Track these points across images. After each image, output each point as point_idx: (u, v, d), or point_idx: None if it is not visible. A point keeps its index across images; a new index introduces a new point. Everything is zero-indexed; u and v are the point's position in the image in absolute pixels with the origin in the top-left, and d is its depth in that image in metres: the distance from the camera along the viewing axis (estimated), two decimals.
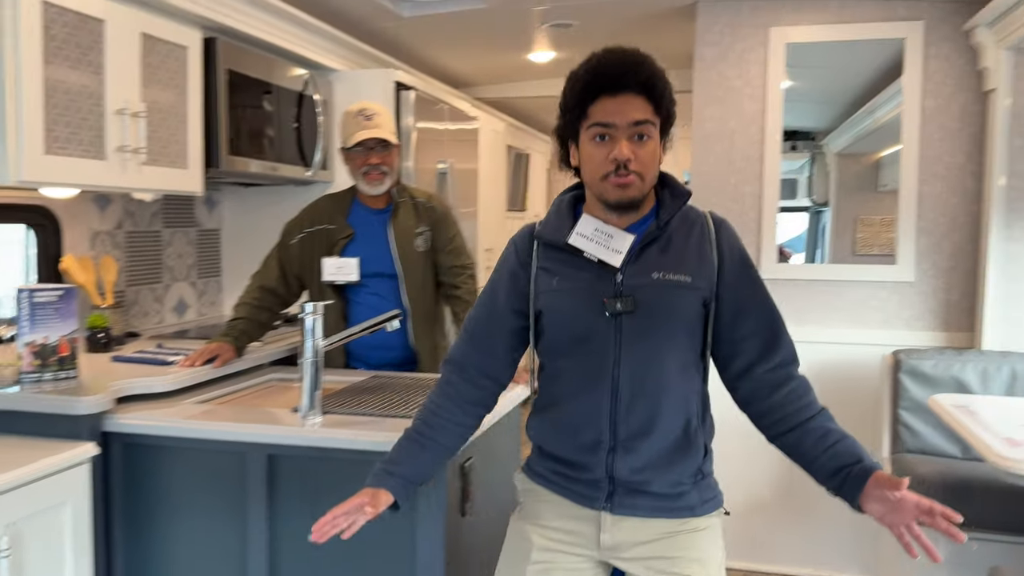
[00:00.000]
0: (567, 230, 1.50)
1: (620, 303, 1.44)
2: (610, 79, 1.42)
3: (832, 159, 3.93)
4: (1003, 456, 1.82)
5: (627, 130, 1.41)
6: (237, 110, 2.81)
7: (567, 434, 1.51)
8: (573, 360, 1.50)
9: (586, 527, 1.51)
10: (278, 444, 1.90)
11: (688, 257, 1.48)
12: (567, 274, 1.50)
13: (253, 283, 2.60)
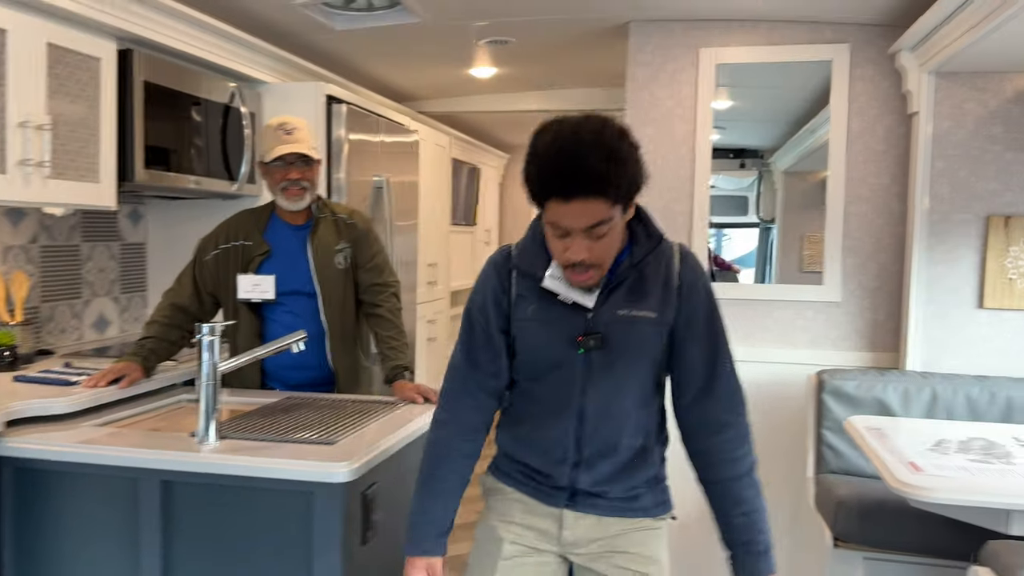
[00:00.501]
0: (542, 261, 1.54)
1: (592, 340, 1.51)
2: (559, 187, 1.39)
3: (779, 177, 3.98)
4: (902, 481, 1.82)
5: (582, 232, 1.42)
6: (155, 123, 2.75)
7: (535, 450, 1.61)
8: (544, 385, 1.58)
9: (549, 524, 1.61)
10: (172, 470, 1.84)
11: (654, 292, 1.53)
12: (542, 306, 1.56)
13: (164, 300, 2.53)
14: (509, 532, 1.63)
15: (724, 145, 4.27)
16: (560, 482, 1.59)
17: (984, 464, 2.00)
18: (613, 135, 1.40)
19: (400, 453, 2.06)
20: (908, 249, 3.05)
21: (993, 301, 2.95)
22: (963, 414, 2.80)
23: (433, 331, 4.85)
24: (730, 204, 4.28)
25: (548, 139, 1.41)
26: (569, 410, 1.56)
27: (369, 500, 1.91)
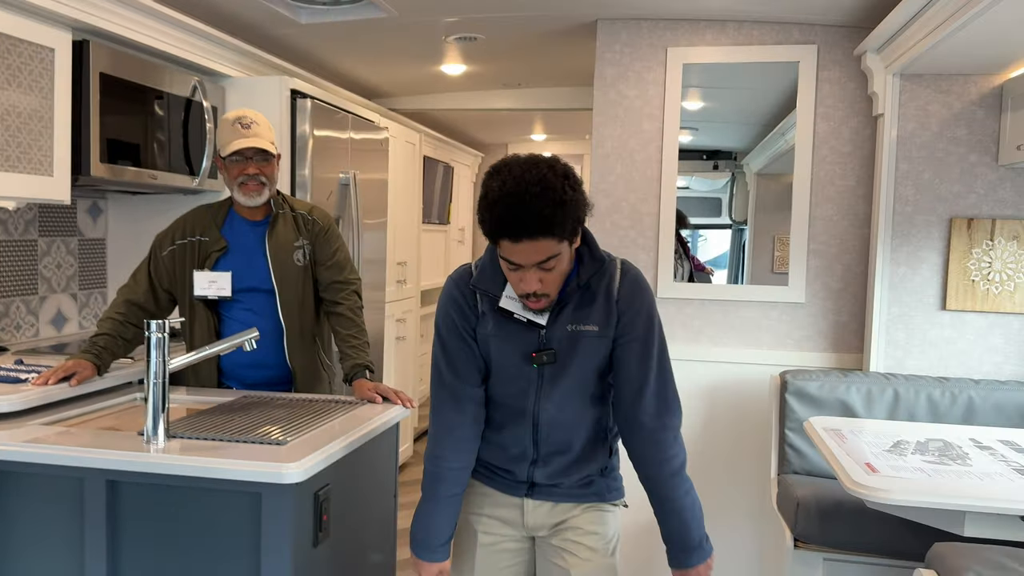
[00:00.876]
0: (499, 283, 1.69)
1: (545, 356, 1.67)
2: (509, 231, 1.53)
3: (752, 179, 3.98)
4: (857, 483, 1.81)
5: (533, 266, 1.58)
6: (113, 116, 2.69)
7: (496, 451, 1.80)
8: (503, 394, 1.76)
9: (513, 513, 1.81)
10: (118, 470, 1.79)
11: (597, 307, 1.68)
12: (499, 323, 1.71)
13: (119, 297, 2.48)
14: (480, 523, 1.83)
15: (697, 146, 4.27)
16: (520, 477, 1.78)
17: (940, 466, 2.01)
18: (557, 179, 1.53)
19: (357, 453, 2.02)
20: (872, 251, 3.06)
21: (956, 303, 2.96)
22: (925, 415, 2.81)
23: (402, 330, 4.81)
24: (704, 206, 4.28)
25: (497, 185, 1.55)
26: (525, 416, 1.74)
27: (321, 501, 1.88)
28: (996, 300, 2.94)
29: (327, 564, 1.93)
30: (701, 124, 4.28)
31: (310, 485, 1.81)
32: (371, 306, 4.10)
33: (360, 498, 2.14)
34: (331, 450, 1.87)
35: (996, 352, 2.96)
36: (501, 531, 1.83)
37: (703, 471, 3.30)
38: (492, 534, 1.83)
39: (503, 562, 1.83)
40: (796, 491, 2.62)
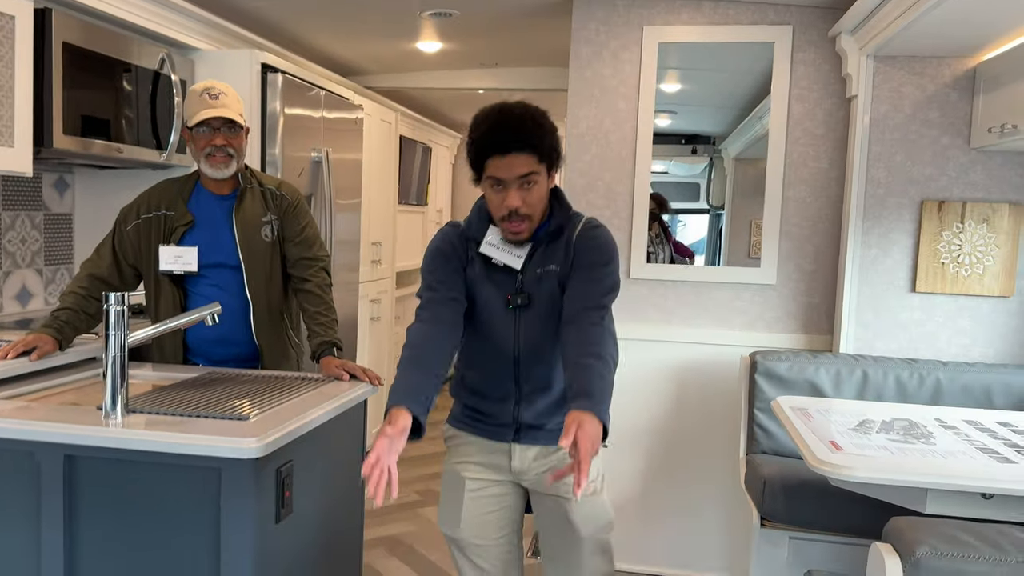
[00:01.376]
0: (483, 231, 1.87)
1: (520, 298, 1.83)
2: (497, 144, 1.74)
3: (729, 163, 3.96)
4: (821, 460, 1.82)
5: (516, 182, 1.74)
6: (77, 88, 2.63)
7: (482, 394, 1.93)
8: (484, 338, 1.90)
9: (500, 458, 1.93)
10: (75, 444, 1.76)
11: (559, 250, 1.85)
12: (481, 269, 1.87)
13: (82, 271, 2.43)
14: (468, 470, 1.95)
15: (676, 131, 4.25)
16: (506, 419, 1.90)
17: (904, 444, 2.02)
18: (536, 110, 1.78)
19: (322, 429, 2.00)
20: (844, 233, 3.07)
21: (925, 285, 2.98)
22: (892, 396, 2.83)
23: (377, 310, 4.78)
24: (682, 190, 4.27)
25: (483, 115, 1.79)
26: (507, 355, 1.87)
27: (284, 477, 1.86)
28: (965, 283, 2.96)
29: (290, 540, 1.91)
30: (679, 108, 4.26)
31: (272, 461, 1.79)
32: (345, 287, 4.07)
33: (325, 475, 2.12)
34: (294, 426, 1.85)
35: (964, 335, 2.98)
36: (488, 476, 1.94)
37: (674, 451, 3.32)
38: (479, 479, 1.94)
39: (489, 507, 1.94)
40: (763, 470, 2.64)
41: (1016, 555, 1.27)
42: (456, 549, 1.99)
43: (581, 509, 1.89)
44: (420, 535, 3.74)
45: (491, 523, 1.95)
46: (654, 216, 3.77)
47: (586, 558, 1.93)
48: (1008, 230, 2.93)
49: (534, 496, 1.97)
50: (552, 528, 1.96)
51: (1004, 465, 1.87)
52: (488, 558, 1.96)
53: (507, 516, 1.97)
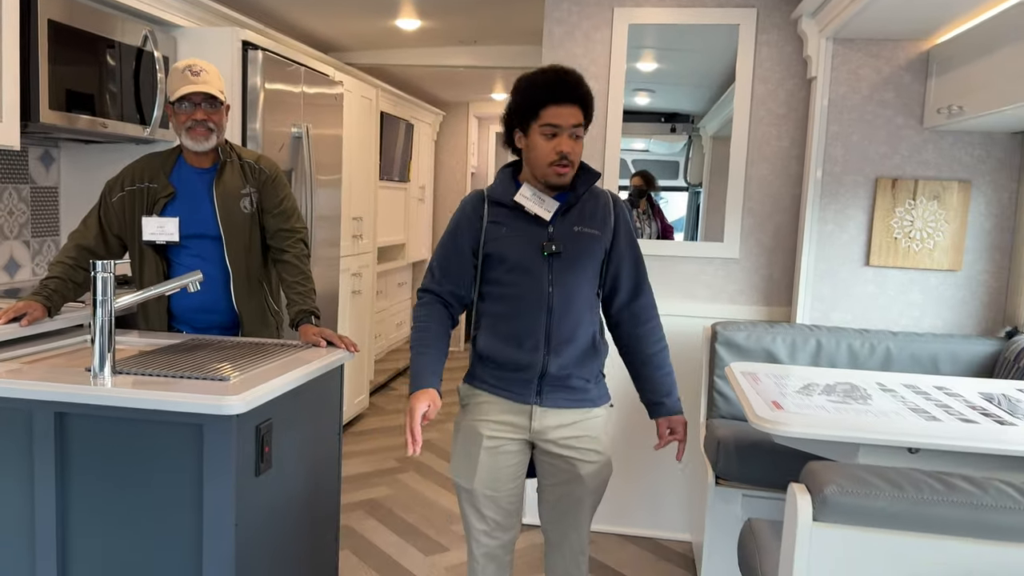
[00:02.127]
0: (512, 193, 2.05)
1: (553, 246, 2.01)
2: (559, 92, 1.96)
3: (707, 141, 4.08)
4: (761, 417, 1.97)
5: (568, 130, 1.97)
6: (64, 64, 2.72)
7: (513, 343, 2.04)
8: (518, 288, 2.03)
9: (521, 418, 2.08)
10: (66, 402, 1.88)
11: (597, 217, 2.07)
12: (513, 225, 2.04)
13: (70, 242, 2.54)
14: (487, 428, 2.09)
15: (655, 109, 4.36)
16: (532, 372, 2.04)
17: (842, 404, 2.17)
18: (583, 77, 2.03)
19: (299, 390, 2.13)
20: (803, 209, 3.21)
21: (879, 259, 3.13)
22: (845, 364, 2.98)
23: (358, 284, 4.90)
24: (663, 168, 4.38)
25: (538, 72, 2.01)
26: (540, 304, 2.02)
27: (263, 433, 1.98)
28: (916, 257, 3.11)
29: (269, 493, 2.04)
30: (657, 86, 4.36)
31: (252, 418, 1.91)
32: (325, 261, 4.18)
33: (303, 434, 2.25)
34: (273, 387, 1.97)
35: (915, 307, 3.13)
36: (506, 435, 2.09)
37: (641, 416, 3.46)
38: (497, 437, 2.09)
39: (505, 462, 2.10)
40: (718, 432, 2.79)
41: (912, 492, 1.42)
42: (466, 498, 2.15)
43: (590, 468, 2.10)
44: (398, 498, 3.89)
45: (503, 478, 2.11)
46: (642, 192, 3.90)
47: (586, 513, 2.15)
48: (957, 207, 3.08)
49: (543, 455, 2.13)
50: (559, 486, 2.13)
51: (930, 423, 2.02)
52: (495, 509, 2.13)
53: (517, 471, 2.13)
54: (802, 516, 1.45)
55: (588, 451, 2.10)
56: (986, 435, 1.96)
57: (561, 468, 2.11)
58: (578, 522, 2.16)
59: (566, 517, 2.16)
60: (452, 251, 2.09)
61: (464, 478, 2.13)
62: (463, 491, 2.16)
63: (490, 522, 2.14)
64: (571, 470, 2.10)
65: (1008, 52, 2.40)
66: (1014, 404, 2.27)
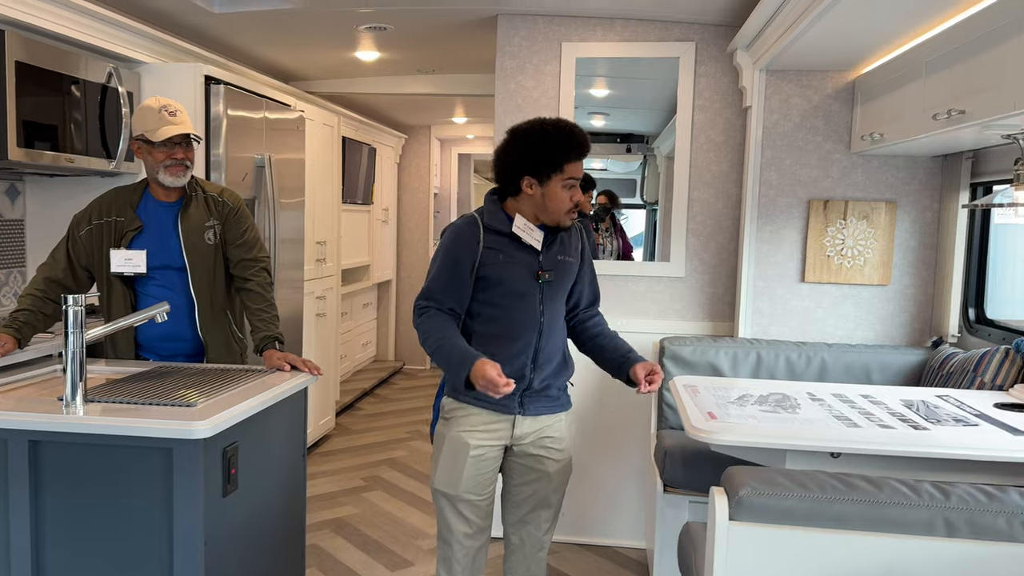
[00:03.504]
0: (506, 222, 2.25)
1: (548, 274, 2.25)
2: (581, 150, 2.20)
3: (662, 161, 4.27)
4: (695, 427, 2.13)
5: (576, 183, 2.22)
6: (31, 102, 2.82)
7: (506, 362, 2.16)
8: (512, 311, 2.23)
9: (504, 426, 2.28)
10: (40, 431, 1.98)
11: (574, 247, 2.34)
12: (510, 252, 2.24)
13: (39, 275, 2.63)
14: (473, 437, 2.27)
15: (611, 130, 4.55)
16: (519, 388, 2.23)
17: (772, 413, 2.34)
18: None
19: (264, 414, 2.24)
20: (741, 230, 3.40)
21: (813, 276, 3.32)
22: (783, 375, 3.17)
23: (322, 307, 5.00)
24: (621, 187, 4.57)
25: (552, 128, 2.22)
26: (533, 327, 2.24)
27: (229, 456, 2.10)
28: (848, 273, 3.31)
29: (236, 513, 2.15)
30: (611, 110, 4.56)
31: (218, 441, 2.03)
32: (289, 284, 4.29)
33: (269, 456, 2.36)
34: (238, 411, 2.08)
35: (848, 319, 3.33)
36: (489, 442, 2.28)
37: (596, 429, 3.63)
38: (482, 446, 2.27)
39: (487, 467, 2.30)
40: (666, 442, 2.95)
41: (817, 491, 1.58)
42: (448, 505, 2.31)
43: (555, 466, 2.34)
44: (364, 516, 4.00)
45: (484, 482, 2.30)
46: (607, 210, 4.08)
47: (551, 511, 2.37)
48: (885, 225, 3.29)
49: (515, 457, 2.34)
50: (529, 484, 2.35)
51: (851, 429, 2.20)
52: (476, 512, 2.30)
53: (494, 476, 2.34)
54: (720, 516, 1.61)
55: (555, 450, 2.34)
56: (901, 439, 2.14)
57: (530, 468, 2.33)
58: (542, 519, 2.37)
59: (533, 515, 2.36)
60: (454, 274, 2.24)
61: (449, 486, 2.29)
62: (446, 498, 2.31)
63: (472, 524, 2.31)
64: (540, 468, 2.32)
65: (916, 86, 2.62)
66: (931, 410, 2.46)
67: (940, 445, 2.10)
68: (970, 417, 2.36)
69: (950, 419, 2.34)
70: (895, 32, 2.64)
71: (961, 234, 3.15)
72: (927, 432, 2.20)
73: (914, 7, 2.36)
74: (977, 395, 2.64)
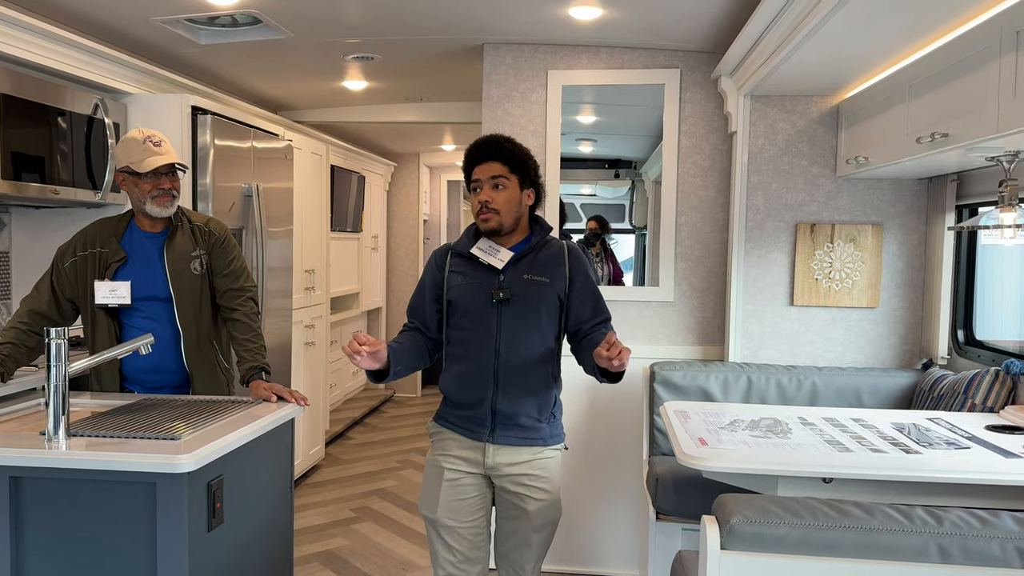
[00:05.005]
0: (471, 246, 2.28)
1: (501, 293, 2.21)
2: (478, 154, 2.25)
3: (650, 186, 4.28)
4: (686, 454, 2.11)
5: (488, 182, 2.21)
6: (17, 134, 2.81)
7: (465, 383, 2.24)
8: (470, 332, 2.24)
9: (476, 454, 2.26)
10: (21, 466, 1.95)
11: (548, 267, 2.26)
12: (469, 274, 2.27)
13: (23, 307, 2.60)
14: (447, 461, 2.28)
15: (599, 156, 4.57)
16: (484, 409, 2.22)
17: (763, 439, 2.32)
18: (509, 138, 2.30)
19: (251, 446, 2.21)
20: (729, 254, 3.41)
21: (802, 299, 3.33)
22: (774, 399, 3.16)
23: (311, 335, 4.98)
24: (610, 211, 4.58)
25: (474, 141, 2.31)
26: (488, 347, 2.22)
27: (214, 489, 2.07)
28: (837, 296, 3.32)
29: (222, 547, 2.11)
30: (598, 136, 4.58)
31: (203, 475, 2.00)
32: (277, 313, 4.27)
33: (255, 488, 2.32)
34: (223, 443, 2.05)
35: (837, 343, 3.33)
36: (464, 468, 2.27)
37: (588, 456, 3.60)
38: (455, 471, 2.27)
39: (464, 494, 2.28)
40: (657, 469, 2.93)
41: (809, 519, 1.57)
42: (432, 529, 2.32)
43: (537, 506, 2.25)
44: (354, 548, 3.94)
45: (463, 508, 2.27)
46: (597, 235, 4.09)
47: (533, 551, 2.30)
48: (872, 248, 3.30)
49: (499, 491, 2.30)
50: (510, 521, 2.30)
51: (843, 453, 2.19)
52: (459, 539, 2.29)
53: (477, 504, 2.30)
54: (711, 545, 1.59)
55: (537, 489, 2.26)
56: (893, 463, 2.13)
57: (512, 503, 2.28)
58: (524, 559, 2.30)
59: (514, 553, 2.31)
60: (420, 294, 2.36)
61: (428, 508, 2.31)
62: (429, 522, 2.33)
63: (457, 553, 2.29)
64: (520, 506, 2.26)
65: (899, 110, 2.64)
66: (923, 433, 2.45)
67: (932, 469, 2.09)
68: (962, 440, 2.36)
69: (942, 442, 2.33)
70: (878, 57, 2.67)
71: (948, 255, 3.16)
72: (919, 456, 2.19)
73: (896, 33, 2.38)
74: (968, 417, 2.63)
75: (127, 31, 3.38)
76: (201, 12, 3.19)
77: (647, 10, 3.05)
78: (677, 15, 3.08)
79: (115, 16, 3.22)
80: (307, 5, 3.10)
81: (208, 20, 3.32)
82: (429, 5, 3.11)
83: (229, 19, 3.32)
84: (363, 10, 3.20)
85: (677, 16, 3.09)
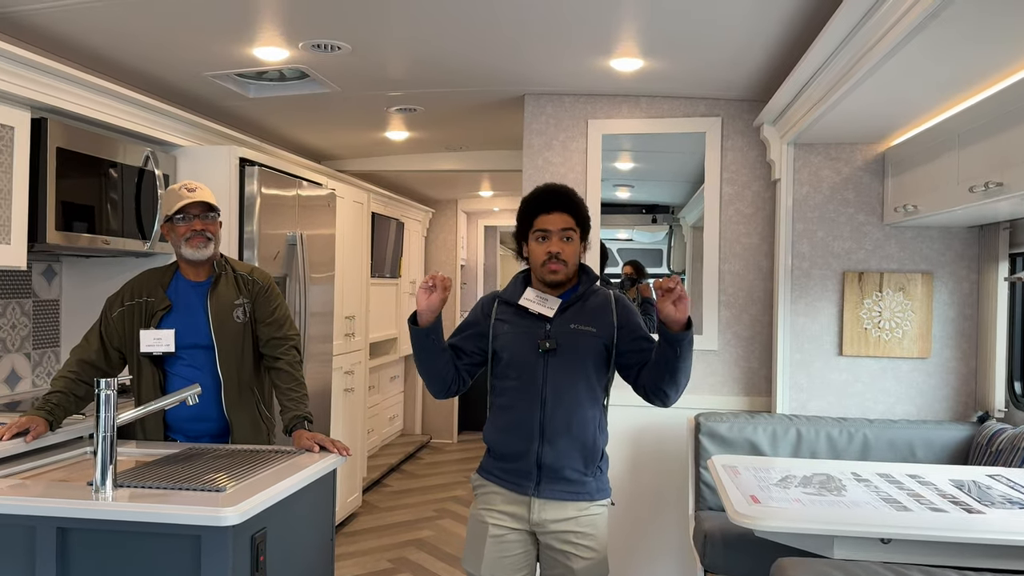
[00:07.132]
0: (519, 293, 2.28)
1: (548, 343, 2.20)
2: (546, 203, 2.24)
3: (688, 231, 4.26)
4: (739, 512, 2.05)
5: (558, 234, 2.21)
6: (70, 186, 2.88)
7: (510, 433, 2.22)
8: (516, 382, 2.23)
9: (521, 509, 2.23)
10: (68, 517, 1.95)
11: (595, 317, 2.24)
12: (515, 323, 2.27)
13: (72, 357, 2.64)
14: (491, 517, 2.25)
15: (636, 201, 4.57)
16: (529, 462, 2.20)
17: (817, 496, 2.25)
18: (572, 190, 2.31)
19: (293, 498, 2.19)
20: (775, 302, 3.35)
21: (851, 349, 3.25)
22: (825, 453, 3.07)
23: (350, 382, 4.98)
24: (647, 256, 4.56)
25: (534, 189, 2.32)
26: (534, 396, 2.20)
27: (258, 543, 2.05)
28: (887, 346, 3.24)
29: None
30: (636, 182, 4.59)
31: (247, 528, 1.98)
32: (318, 359, 4.28)
33: (297, 541, 2.30)
34: (267, 495, 2.04)
35: (888, 394, 3.24)
36: (509, 524, 2.24)
37: (632, 509, 3.52)
38: (501, 527, 2.24)
39: (509, 551, 2.24)
40: (705, 525, 2.85)
41: None
42: None
43: (583, 564, 2.20)
44: None
45: (508, 566, 2.24)
46: (633, 280, 4.06)
47: None
48: (922, 297, 3.23)
49: (544, 547, 2.25)
50: None
51: (901, 513, 2.11)
52: None
53: (522, 561, 2.26)
54: None
55: (583, 547, 2.20)
56: (955, 524, 2.04)
57: (558, 561, 2.22)
58: None
59: None
60: (462, 327, 2.38)
61: (472, 566, 2.28)
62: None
63: None
64: (566, 564, 2.20)
65: (950, 158, 2.60)
66: (983, 491, 2.36)
67: (996, 531, 2.00)
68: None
69: (1004, 500, 2.24)
70: (925, 105, 2.64)
71: (1003, 304, 3.08)
72: (981, 516, 2.10)
73: (944, 82, 2.36)
74: None
75: (180, 86, 3.48)
76: (251, 67, 3.28)
77: (689, 60, 3.06)
78: (718, 64, 3.08)
79: (170, 72, 3.31)
80: (353, 60, 3.17)
81: (257, 74, 3.41)
82: (472, 59, 3.15)
83: (277, 73, 3.40)
84: (407, 64, 3.26)
85: (718, 65, 3.10)
